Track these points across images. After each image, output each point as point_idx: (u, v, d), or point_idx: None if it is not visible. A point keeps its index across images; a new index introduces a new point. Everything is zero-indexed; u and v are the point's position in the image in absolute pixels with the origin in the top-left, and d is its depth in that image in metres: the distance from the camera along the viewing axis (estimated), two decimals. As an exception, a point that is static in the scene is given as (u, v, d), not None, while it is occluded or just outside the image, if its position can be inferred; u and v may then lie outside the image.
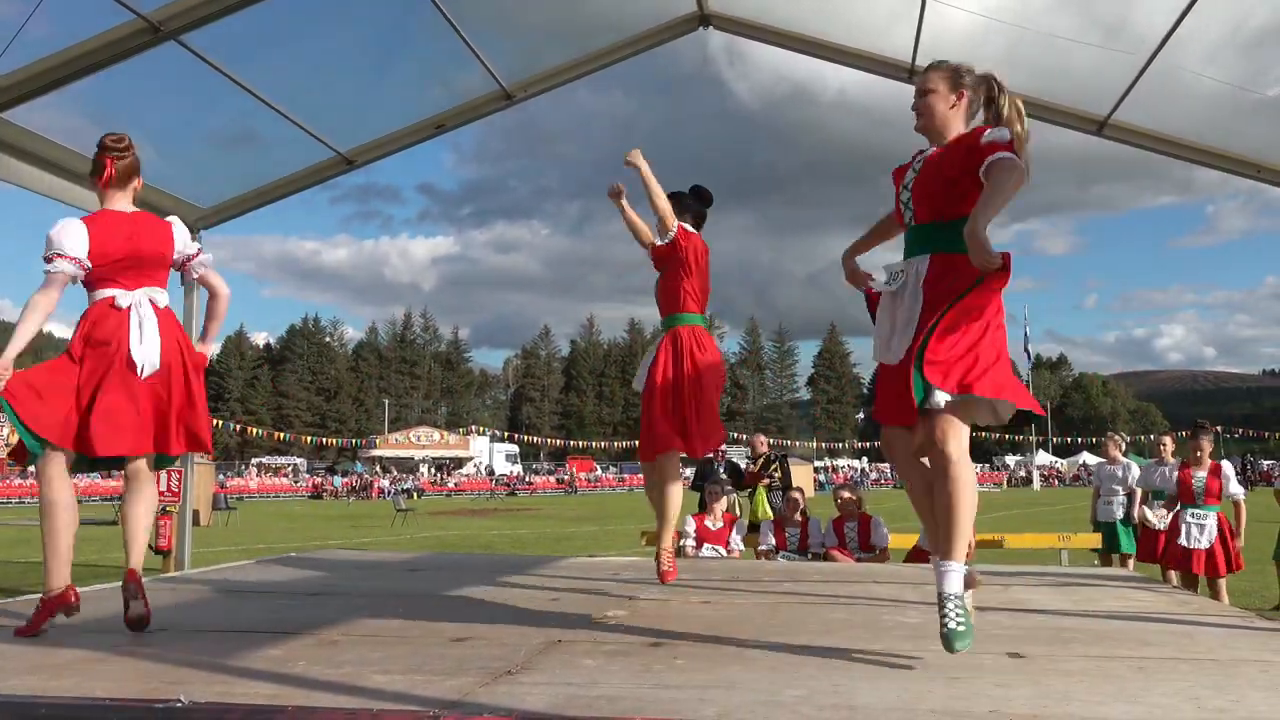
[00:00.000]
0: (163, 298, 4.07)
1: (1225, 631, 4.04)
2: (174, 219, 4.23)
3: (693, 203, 5.39)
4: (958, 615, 3.10)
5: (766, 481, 11.35)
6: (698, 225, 5.38)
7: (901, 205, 3.47)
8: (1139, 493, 9.26)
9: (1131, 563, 9.28)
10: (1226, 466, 8.03)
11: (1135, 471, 9.64)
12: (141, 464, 4.07)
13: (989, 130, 3.37)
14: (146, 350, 3.90)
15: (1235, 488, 7.92)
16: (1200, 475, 7.93)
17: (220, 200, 7.68)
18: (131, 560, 3.96)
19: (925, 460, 3.32)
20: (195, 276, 4.25)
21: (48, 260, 3.93)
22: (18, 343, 3.92)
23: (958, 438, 3.14)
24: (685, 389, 5.01)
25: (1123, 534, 9.39)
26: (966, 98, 3.54)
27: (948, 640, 3.07)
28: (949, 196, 3.32)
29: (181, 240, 4.17)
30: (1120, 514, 9.48)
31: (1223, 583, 7.90)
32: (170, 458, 4.13)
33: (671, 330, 5.18)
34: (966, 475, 3.15)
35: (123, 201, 4.16)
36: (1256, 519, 8.15)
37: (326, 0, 6.86)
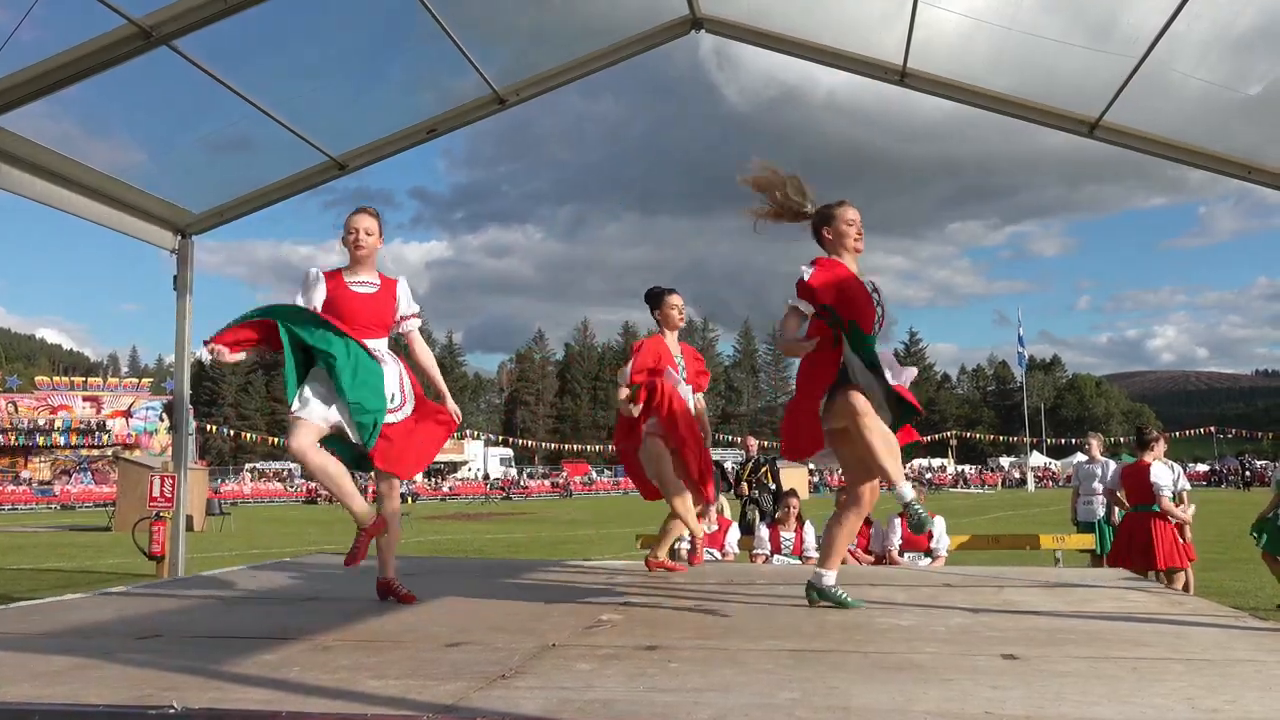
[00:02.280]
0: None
1: (1219, 632, 4.04)
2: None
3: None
4: (921, 509, 4.27)
5: (743, 487, 11.40)
6: (660, 321, 6.00)
7: (876, 320, 4.46)
8: (1114, 493, 9.36)
9: None
10: (1159, 466, 8.08)
11: (1114, 470, 9.69)
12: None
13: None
14: None
15: (1166, 489, 8.01)
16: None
17: (212, 205, 7.67)
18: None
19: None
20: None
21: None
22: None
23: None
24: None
25: (1106, 534, 9.42)
26: None
27: (922, 520, 4.25)
28: None
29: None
30: (1101, 513, 9.51)
31: (1181, 575, 7.94)
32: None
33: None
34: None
35: None
36: (1245, 518, 8.16)
37: (318, 5, 6.85)
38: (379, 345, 4.77)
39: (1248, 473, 51.32)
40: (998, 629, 4.05)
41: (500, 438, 78.96)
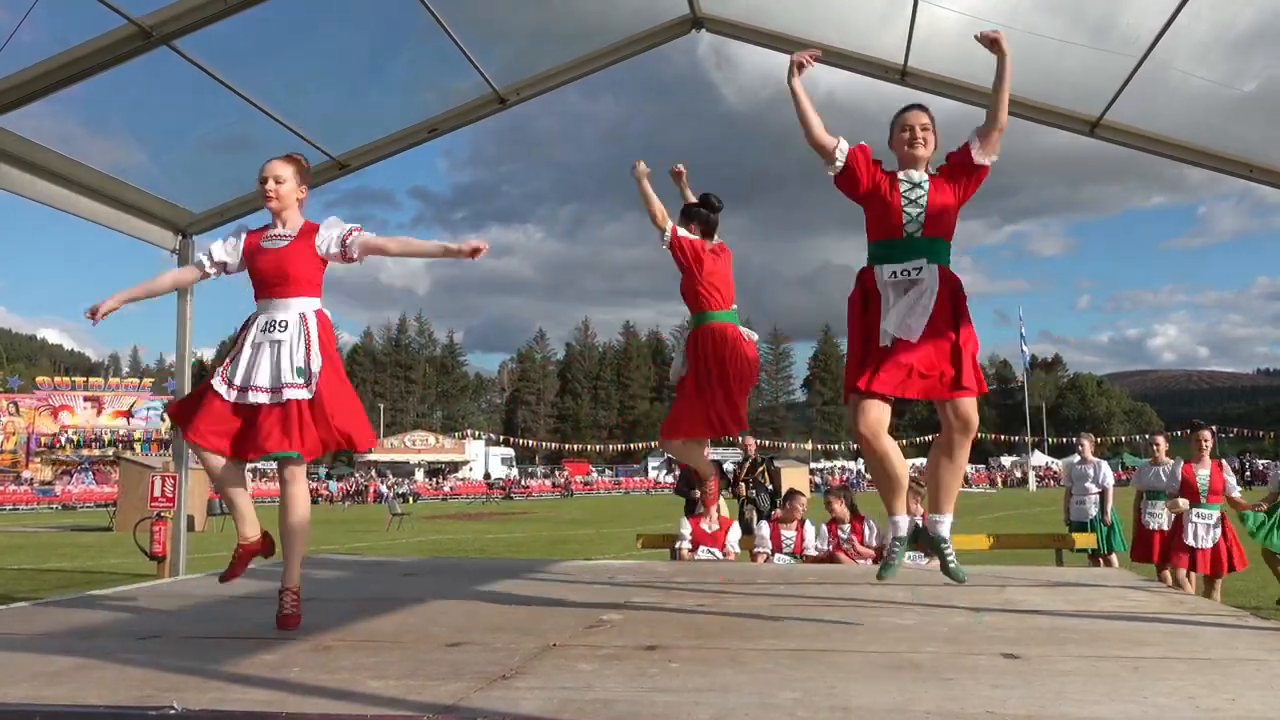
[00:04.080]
0: None
1: (1220, 631, 4.04)
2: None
3: (699, 210, 5.65)
4: (952, 554, 4.04)
5: (740, 488, 11.38)
6: (707, 231, 5.61)
7: (905, 217, 3.98)
8: (1110, 491, 9.36)
9: (1115, 559, 9.30)
10: (1226, 464, 8.04)
11: (1105, 470, 9.69)
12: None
13: (961, 149, 4.20)
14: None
15: (1234, 485, 7.93)
16: (1204, 474, 7.92)
17: (213, 205, 7.67)
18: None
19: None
20: None
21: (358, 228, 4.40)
22: None
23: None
24: (705, 384, 5.34)
25: (1102, 532, 9.42)
26: None
27: (956, 574, 4.05)
28: (954, 221, 4.08)
29: None
30: (1094, 512, 9.51)
31: (1220, 581, 7.91)
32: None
33: (691, 333, 5.52)
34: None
35: None
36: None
37: (319, 5, 6.85)
38: (290, 309, 4.19)
39: (1248, 472, 51.26)
40: (998, 628, 4.05)
41: (501, 437, 79.03)
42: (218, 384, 4.12)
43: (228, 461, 4.16)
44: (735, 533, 8.39)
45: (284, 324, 4.14)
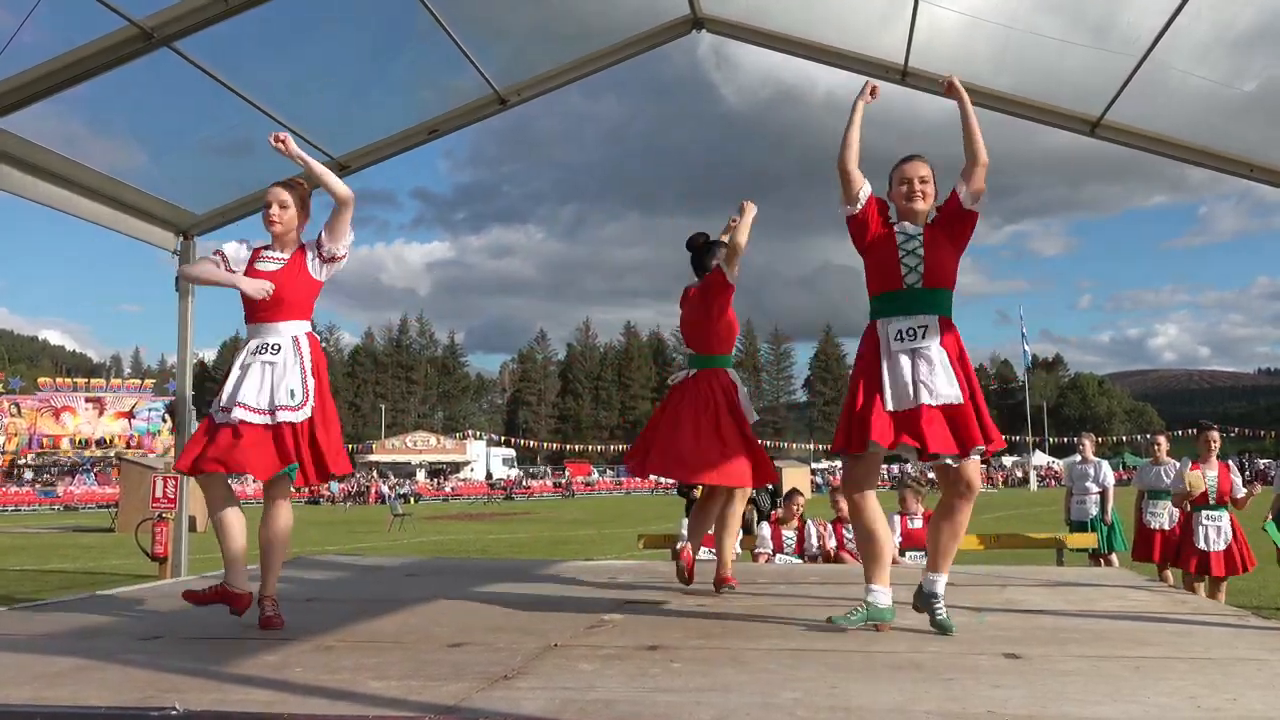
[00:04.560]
0: None
1: (1222, 630, 4.04)
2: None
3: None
4: (943, 608, 3.94)
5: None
6: (697, 271, 5.48)
7: (904, 268, 3.98)
8: (1111, 491, 9.35)
9: (1115, 559, 9.29)
10: (1233, 465, 8.01)
11: (1106, 470, 9.68)
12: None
13: (949, 197, 4.13)
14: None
15: (1241, 487, 7.89)
16: (1211, 475, 7.84)
17: (214, 206, 7.67)
18: None
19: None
20: None
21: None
22: None
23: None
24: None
25: (1102, 532, 9.42)
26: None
27: (944, 626, 3.87)
28: (954, 270, 4.06)
29: None
30: (1095, 512, 9.51)
31: (1225, 583, 7.88)
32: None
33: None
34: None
35: None
36: (1250, 518, 8.14)
37: (319, 6, 6.85)
38: (282, 334, 4.23)
39: (1247, 472, 51.21)
40: (1000, 628, 4.05)
41: (502, 438, 79.03)
42: (215, 413, 4.20)
43: (228, 496, 4.20)
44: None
45: (276, 347, 4.19)
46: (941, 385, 3.84)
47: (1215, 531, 7.76)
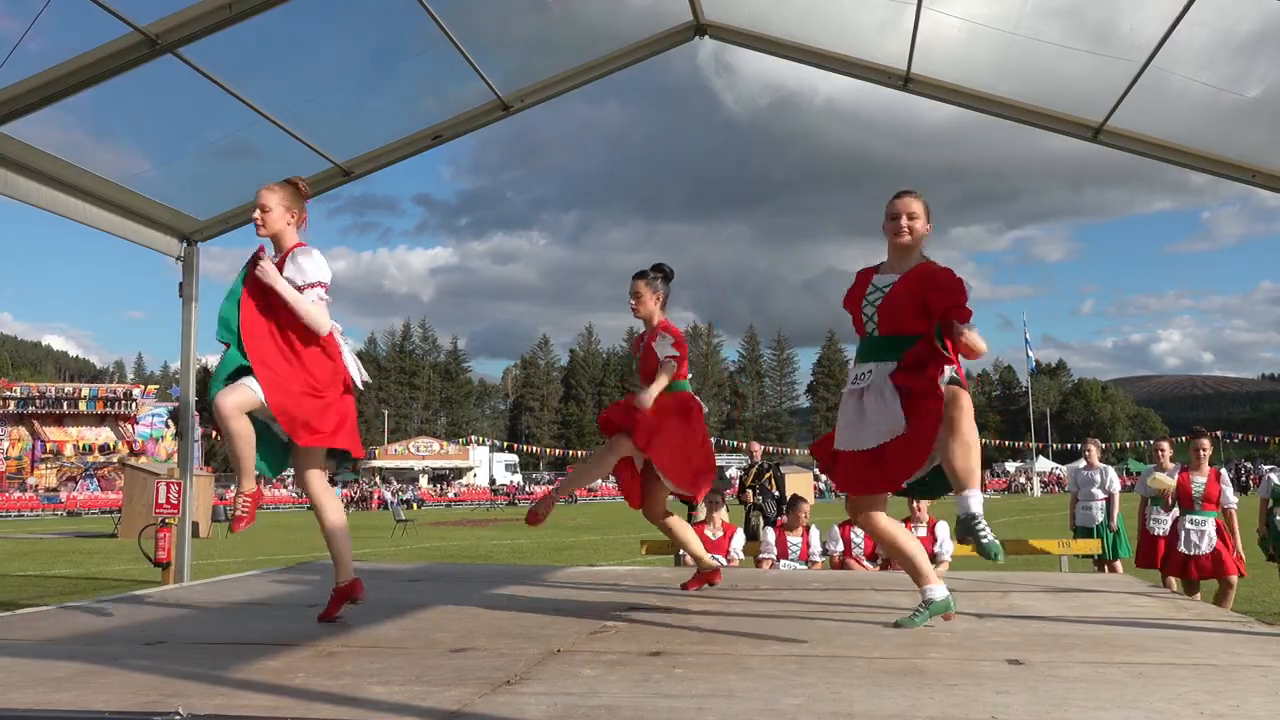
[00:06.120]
0: None
1: (1224, 636, 4.04)
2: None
3: None
4: (987, 530, 3.68)
5: (747, 494, 11.38)
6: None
7: (864, 319, 4.01)
8: (1117, 497, 9.35)
9: (1120, 565, 9.28)
10: (1224, 473, 8.03)
11: (1112, 476, 9.68)
12: None
13: (958, 283, 3.85)
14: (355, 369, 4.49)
15: (1230, 496, 7.92)
16: (1199, 481, 7.93)
17: (218, 212, 7.69)
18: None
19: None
20: None
21: (323, 286, 4.34)
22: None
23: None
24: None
25: (1105, 539, 9.40)
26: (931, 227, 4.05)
27: (990, 550, 3.66)
28: (913, 317, 3.87)
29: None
30: (1101, 518, 9.50)
31: (1234, 581, 7.87)
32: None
33: None
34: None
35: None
36: (1246, 524, 8.13)
37: (323, 13, 6.87)
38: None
39: (1244, 478, 51.00)
40: (1002, 634, 4.05)
41: (505, 443, 79.02)
42: None
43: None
44: (739, 539, 8.39)
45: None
46: (879, 420, 3.79)
47: (1198, 535, 7.84)
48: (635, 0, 7.90)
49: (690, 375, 5.28)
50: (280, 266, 4.30)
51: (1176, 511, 8.09)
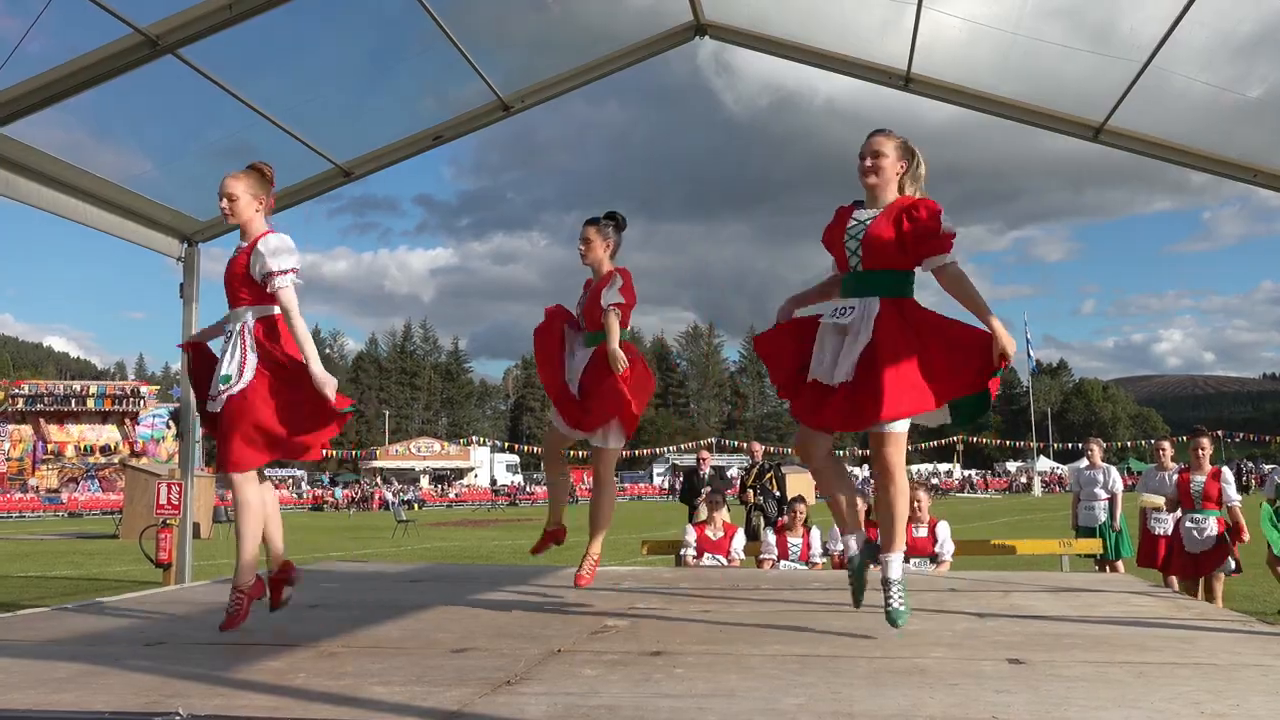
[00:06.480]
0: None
1: (1225, 636, 4.03)
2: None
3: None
4: (900, 596, 3.82)
5: (748, 494, 11.38)
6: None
7: (847, 254, 3.93)
8: (1120, 497, 9.34)
9: (1122, 565, 9.26)
10: (1226, 472, 8.02)
11: (1115, 476, 9.66)
12: None
13: (935, 211, 3.83)
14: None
15: (1233, 494, 7.90)
16: (1199, 480, 7.92)
17: (219, 213, 7.69)
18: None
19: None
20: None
21: (294, 272, 4.20)
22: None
23: (900, 451, 3.85)
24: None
25: (1108, 539, 9.39)
26: (906, 166, 4.01)
27: (892, 616, 3.79)
28: (895, 250, 3.84)
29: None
30: (1103, 518, 9.48)
31: (1219, 586, 7.87)
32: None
33: None
34: (903, 482, 3.86)
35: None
36: (1248, 525, 8.12)
37: (324, 13, 6.87)
38: (235, 319, 4.25)
39: (1244, 477, 50.94)
40: (1003, 634, 4.05)
41: (506, 444, 78.98)
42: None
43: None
44: (740, 539, 8.39)
45: (230, 334, 4.26)
46: (842, 367, 3.75)
47: (1199, 534, 7.85)
48: (635, 0, 7.91)
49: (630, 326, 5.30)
50: (248, 255, 4.24)
51: (1179, 512, 8.08)
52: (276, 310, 4.21)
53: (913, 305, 3.85)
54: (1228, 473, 8.02)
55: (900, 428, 3.80)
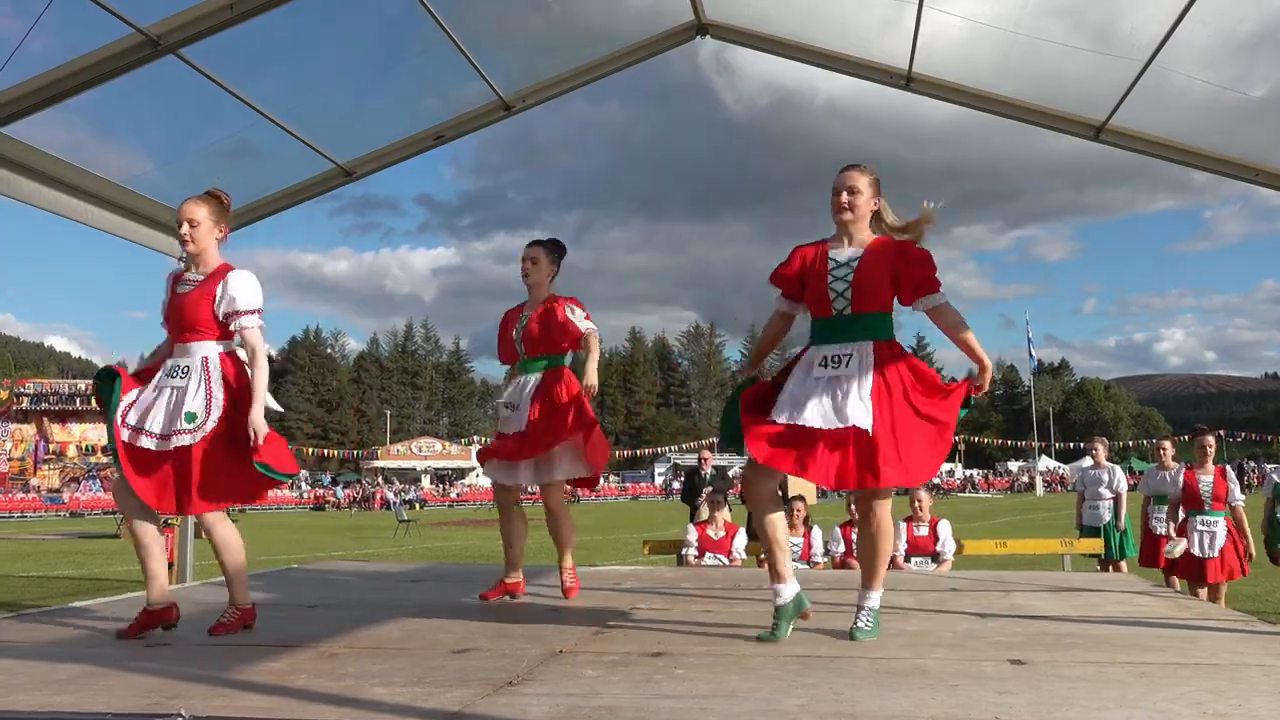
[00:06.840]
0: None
1: (1227, 636, 4.03)
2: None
3: None
4: (870, 620, 3.93)
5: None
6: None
7: (831, 295, 3.87)
8: (1125, 497, 9.32)
9: (1125, 565, 9.25)
10: (1229, 470, 7.99)
11: (1120, 475, 9.64)
12: None
13: (927, 254, 3.90)
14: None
15: (1238, 494, 7.86)
16: (1207, 480, 7.85)
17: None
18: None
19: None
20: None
21: (259, 314, 4.14)
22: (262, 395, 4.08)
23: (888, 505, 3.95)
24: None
25: (1112, 539, 9.37)
26: (879, 201, 4.01)
27: (855, 635, 3.86)
28: (886, 292, 3.86)
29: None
30: (1108, 518, 9.46)
31: (1223, 588, 7.85)
32: None
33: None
34: (890, 529, 3.99)
35: None
36: (1250, 525, 8.12)
37: (325, 13, 6.87)
38: (193, 354, 4.10)
39: (1246, 476, 50.89)
40: (1005, 634, 4.05)
41: (507, 444, 78.75)
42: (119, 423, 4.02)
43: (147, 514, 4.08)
44: (741, 539, 8.38)
45: (185, 369, 4.07)
46: (853, 410, 3.68)
47: (1209, 538, 7.76)
48: (636, 0, 7.91)
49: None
50: (209, 286, 4.10)
51: (1183, 514, 7.99)
52: (236, 345, 4.14)
53: (900, 348, 3.86)
54: (1231, 471, 7.99)
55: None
